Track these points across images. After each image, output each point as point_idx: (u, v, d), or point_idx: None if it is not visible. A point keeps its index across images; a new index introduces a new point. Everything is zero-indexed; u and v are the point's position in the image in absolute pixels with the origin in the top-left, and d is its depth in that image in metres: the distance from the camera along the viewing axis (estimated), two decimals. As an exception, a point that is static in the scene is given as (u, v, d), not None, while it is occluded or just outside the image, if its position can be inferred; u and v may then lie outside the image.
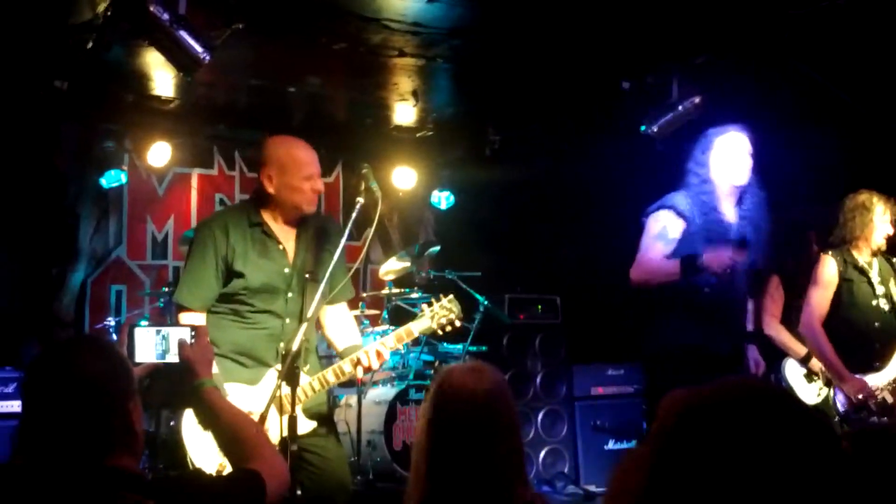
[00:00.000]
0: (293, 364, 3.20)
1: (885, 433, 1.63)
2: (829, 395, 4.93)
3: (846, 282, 4.77)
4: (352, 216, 3.58)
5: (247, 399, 3.46)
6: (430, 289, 6.72)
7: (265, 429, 3.16)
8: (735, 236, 4.02)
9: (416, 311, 3.84)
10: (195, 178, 7.66)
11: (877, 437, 1.58)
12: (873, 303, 4.75)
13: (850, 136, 6.00)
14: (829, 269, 4.78)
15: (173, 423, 4.93)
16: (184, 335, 2.39)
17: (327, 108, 7.14)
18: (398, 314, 6.55)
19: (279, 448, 3.10)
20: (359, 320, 6.13)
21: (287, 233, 3.70)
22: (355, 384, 5.73)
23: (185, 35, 4.59)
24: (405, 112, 7.13)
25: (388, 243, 8.22)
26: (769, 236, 4.19)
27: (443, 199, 8.32)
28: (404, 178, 8.02)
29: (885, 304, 4.75)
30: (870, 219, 4.74)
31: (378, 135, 7.59)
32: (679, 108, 5.86)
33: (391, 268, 6.52)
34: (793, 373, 5.25)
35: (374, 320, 6.53)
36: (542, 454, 6.84)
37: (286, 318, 3.63)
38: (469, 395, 2.21)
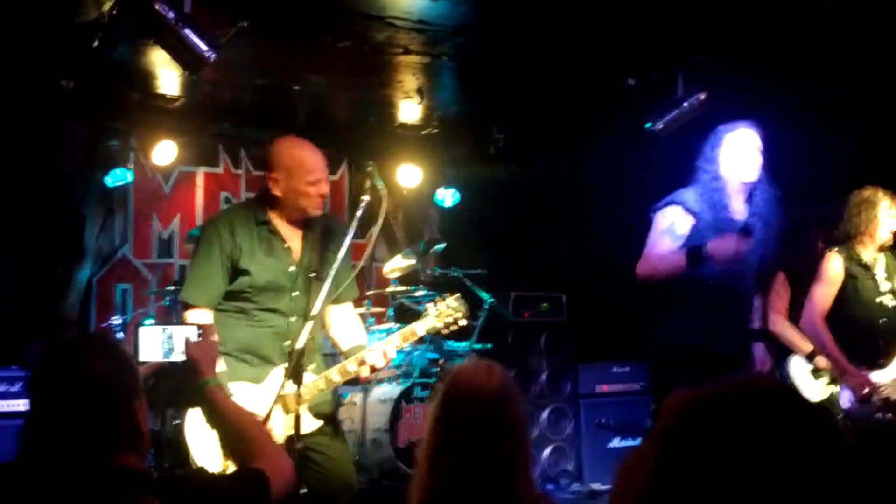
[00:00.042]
0: (298, 362, 3.20)
1: (888, 430, 1.63)
2: (834, 392, 4.93)
3: (851, 279, 4.75)
4: (357, 214, 3.58)
5: (252, 397, 3.46)
6: (435, 286, 6.73)
7: (270, 427, 3.17)
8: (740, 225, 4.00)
9: (421, 309, 3.84)
10: (201, 176, 7.67)
11: (880, 434, 1.59)
12: (878, 299, 4.73)
13: (855, 133, 5.99)
14: (834, 266, 4.76)
15: (178, 422, 4.95)
16: (189, 334, 2.40)
17: (332, 106, 7.14)
18: (403, 312, 6.56)
19: (284, 447, 3.11)
20: (364, 318, 6.13)
21: (293, 232, 3.71)
22: (360, 382, 5.72)
23: (190, 33, 4.60)
24: (410, 110, 7.12)
25: (393, 241, 8.22)
26: (779, 233, 4.17)
27: (448, 196, 8.31)
28: (409, 175, 8.02)
29: (890, 301, 4.73)
30: (875, 214, 4.73)
31: (383, 133, 7.59)
32: (684, 104, 5.83)
33: (396, 266, 6.52)
34: (798, 370, 5.24)
35: (380, 318, 6.53)
36: (546, 452, 6.83)
37: (291, 317, 3.64)
38: (477, 393, 2.21)
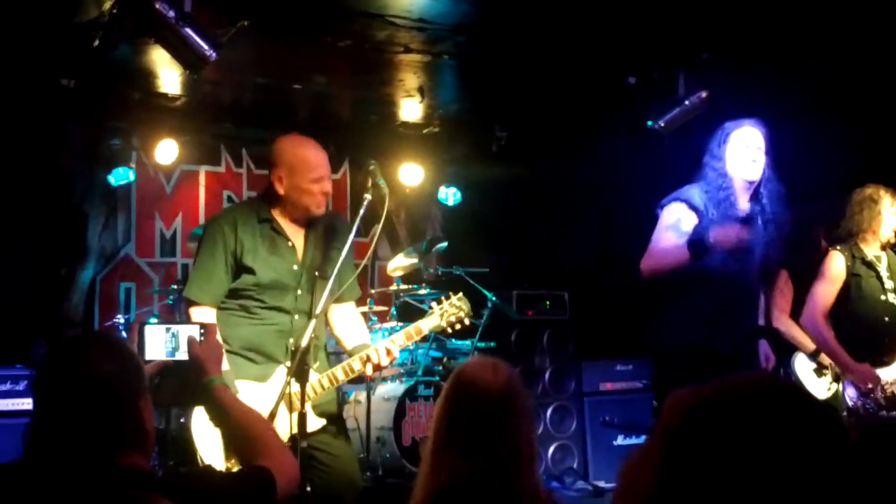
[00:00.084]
0: (303, 361, 3.20)
1: (893, 427, 1.63)
2: (838, 389, 4.92)
3: (854, 277, 4.74)
4: (359, 213, 3.59)
5: (257, 396, 3.46)
6: (437, 285, 6.73)
7: (274, 426, 3.16)
8: (743, 215, 3.98)
9: (425, 308, 3.85)
10: (203, 175, 7.68)
11: (885, 431, 1.58)
12: (882, 297, 4.72)
13: (858, 131, 5.98)
14: (837, 264, 4.76)
15: (183, 420, 4.95)
16: (193, 333, 2.40)
17: (333, 105, 7.14)
18: (406, 310, 6.56)
19: (289, 445, 3.11)
20: (367, 317, 6.13)
21: (296, 230, 3.71)
22: (364, 381, 5.73)
23: (190, 33, 4.60)
24: (411, 109, 7.12)
25: (396, 240, 8.23)
26: (785, 232, 4.15)
27: (450, 195, 8.31)
28: (411, 174, 8.02)
29: (895, 299, 4.73)
30: (878, 211, 4.72)
31: (384, 131, 7.59)
32: (686, 102, 5.83)
33: (399, 264, 6.52)
34: (802, 367, 5.24)
35: (383, 317, 6.53)
36: (550, 450, 6.83)
37: (295, 315, 3.64)
38: (483, 390, 2.21)
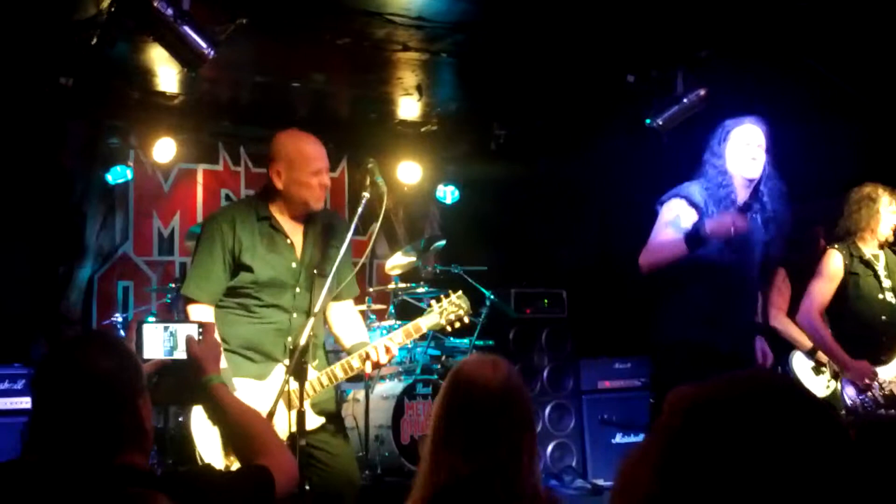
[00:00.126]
0: (301, 359, 3.20)
1: (892, 425, 1.63)
2: (837, 387, 4.93)
3: (852, 275, 4.74)
4: (358, 211, 3.59)
5: (256, 394, 3.46)
6: (436, 283, 6.73)
7: (273, 424, 3.16)
8: (741, 204, 3.96)
9: (423, 306, 3.84)
10: (200, 173, 7.66)
11: (884, 430, 1.58)
12: (879, 296, 4.73)
13: (857, 129, 5.98)
14: (834, 262, 4.76)
15: (182, 419, 4.95)
16: (191, 332, 2.40)
17: (331, 103, 7.13)
18: (405, 309, 6.56)
19: (287, 443, 3.11)
20: (365, 315, 6.13)
21: (294, 228, 3.71)
22: (363, 379, 5.73)
23: (188, 31, 4.60)
24: (409, 107, 7.12)
25: (394, 238, 8.22)
26: (785, 229, 4.15)
27: (448, 193, 8.30)
28: (409, 172, 8.01)
29: (892, 298, 4.73)
30: (876, 210, 4.72)
31: (382, 130, 7.58)
32: (684, 101, 5.83)
33: (397, 262, 6.52)
34: (800, 365, 5.25)
35: (381, 315, 6.53)
36: (549, 448, 6.83)
37: (293, 313, 3.64)
38: (482, 388, 2.21)
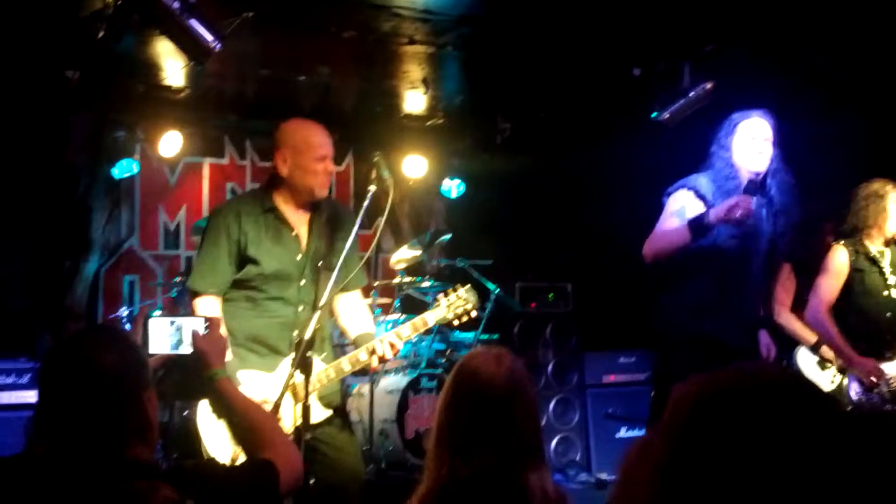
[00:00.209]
0: (306, 353, 3.20)
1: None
2: (842, 382, 4.92)
3: (857, 272, 4.72)
4: (364, 204, 3.58)
5: (262, 387, 3.47)
6: (441, 277, 6.73)
7: (279, 418, 3.17)
8: (750, 187, 3.92)
9: (428, 300, 3.84)
10: (206, 167, 7.67)
11: (889, 424, 1.57)
12: (885, 293, 4.71)
13: (866, 124, 5.95)
14: (839, 258, 4.74)
15: (187, 414, 4.95)
16: (197, 326, 2.40)
17: (337, 97, 7.11)
18: (410, 303, 6.56)
19: (293, 437, 3.11)
20: (371, 309, 6.12)
21: (300, 219, 3.71)
22: (368, 373, 5.74)
23: (195, 24, 4.60)
24: (415, 100, 7.11)
25: (399, 232, 8.22)
26: (794, 221, 4.13)
27: (453, 187, 8.30)
28: (414, 166, 8.01)
29: None
30: (883, 207, 4.70)
31: (388, 123, 7.58)
32: (690, 94, 5.81)
33: (402, 256, 6.51)
34: (805, 361, 5.23)
35: (386, 309, 6.53)
36: (553, 442, 6.82)
37: (299, 306, 3.64)
38: (487, 382, 2.21)
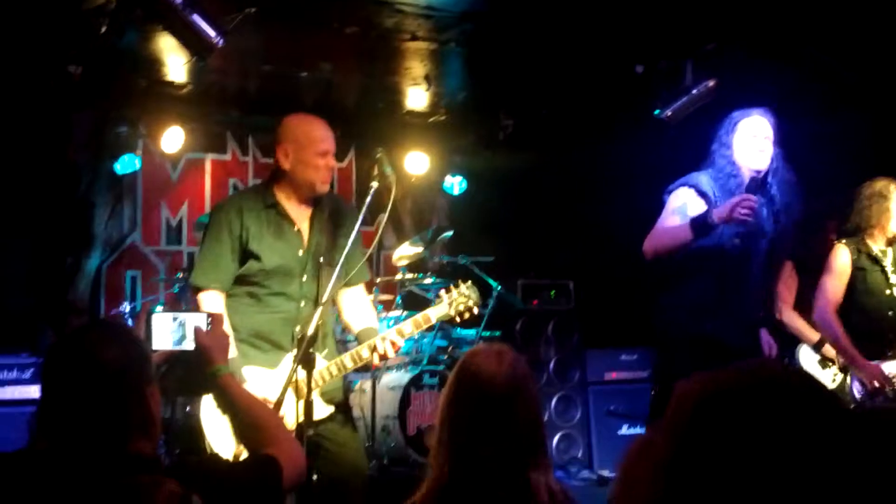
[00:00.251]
0: (308, 348, 3.20)
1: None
2: (843, 381, 4.91)
3: (859, 270, 4.73)
4: (366, 201, 3.57)
5: (265, 383, 3.47)
6: (443, 274, 6.73)
7: (282, 414, 3.17)
8: (753, 184, 3.91)
9: (430, 297, 3.84)
10: (209, 163, 7.66)
11: (891, 420, 1.57)
12: (886, 292, 4.71)
13: (868, 122, 5.94)
14: (842, 258, 4.75)
15: (189, 409, 4.96)
16: (200, 321, 2.39)
17: (339, 93, 7.11)
18: (412, 299, 6.56)
19: (295, 433, 3.11)
20: (373, 305, 6.13)
21: (302, 214, 3.71)
22: (369, 369, 5.74)
23: (198, 19, 4.59)
24: (418, 97, 7.10)
25: (401, 229, 8.22)
26: (795, 221, 4.12)
27: (455, 184, 8.30)
28: (417, 163, 8.00)
29: None
30: (886, 207, 4.70)
31: (390, 120, 7.57)
32: (693, 91, 5.81)
33: (404, 253, 6.51)
34: (807, 359, 5.23)
35: (388, 306, 6.53)
36: (555, 439, 6.83)
37: (301, 302, 3.64)
38: (488, 380, 2.21)
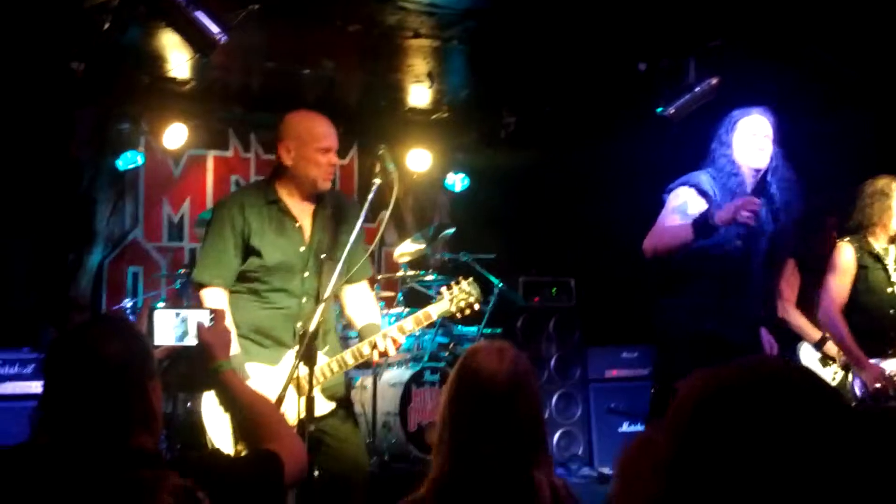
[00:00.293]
0: (310, 345, 3.21)
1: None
2: (844, 378, 4.92)
3: (861, 269, 4.73)
4: (368, 197, 3.58)
5: (267, 379, 3.48)
6: (444, 271, 6.73)
7: (283, 411, 3.17)
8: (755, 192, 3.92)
9: (431, 294, 3.84)
10: (211, 159, 7.66)
11: (893, 417, 1.57)
12: (888, 290, 4.71)
13: (871, 121, 5.94)
14: (846, 256, 4.74)
15: (190, 405, 4.96)
16: (202, 318, 2.40)
17: (342, 90, 7.11)
18: (413, 296, 6.56)
19: (297, 429, 3.12)
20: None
21: (303, 210, 3.71)
22: (370, 366, 5.74)
23: (201, 16, 4.59)
24: (420, 94, 7.10)
25: (403, 226, 8.22)
26: (796, 220, 4.12)
27: (457, 181, 8.29)
28: (419, 160, 8.00)
29: None
30: (888, 205, 4.69)
31: (393, 117, 7.57)
32: (696, 89, 5.80)
33: (406, 250, 6.51)
34: (808, 357, 5.23)
35: (390, 302, 6.53)
36: (556, 437, 6.83)
37: (302, 298, 3.65)
38: (489, 378, 2.21)
